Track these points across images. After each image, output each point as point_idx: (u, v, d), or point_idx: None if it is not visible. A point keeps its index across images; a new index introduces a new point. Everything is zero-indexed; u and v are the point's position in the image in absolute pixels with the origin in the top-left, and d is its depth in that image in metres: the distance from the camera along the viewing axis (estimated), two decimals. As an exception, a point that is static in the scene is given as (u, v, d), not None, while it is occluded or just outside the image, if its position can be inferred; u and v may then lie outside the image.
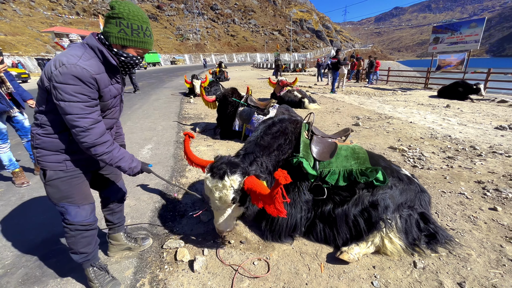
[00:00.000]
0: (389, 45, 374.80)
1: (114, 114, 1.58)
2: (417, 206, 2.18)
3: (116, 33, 1.31)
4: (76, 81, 1.21)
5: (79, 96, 1.23)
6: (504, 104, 8.66)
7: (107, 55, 1.33)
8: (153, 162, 3.86)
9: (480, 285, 1.72)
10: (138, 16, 1.33)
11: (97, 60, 1.32)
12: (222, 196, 1.75)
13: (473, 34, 11.74)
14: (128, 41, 1.34)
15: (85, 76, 1.22)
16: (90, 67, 1.25)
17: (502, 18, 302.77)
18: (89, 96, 1.27)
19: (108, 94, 1.40)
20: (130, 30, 1.31)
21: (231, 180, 1.73)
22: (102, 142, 1.36)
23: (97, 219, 1.61)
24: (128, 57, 1.39)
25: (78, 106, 1.24)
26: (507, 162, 3.64)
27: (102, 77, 1.32)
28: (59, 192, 1.42)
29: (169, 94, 11.57)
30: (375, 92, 12.18)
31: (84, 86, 1.23)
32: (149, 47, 1.44)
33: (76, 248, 1.51)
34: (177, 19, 77.92)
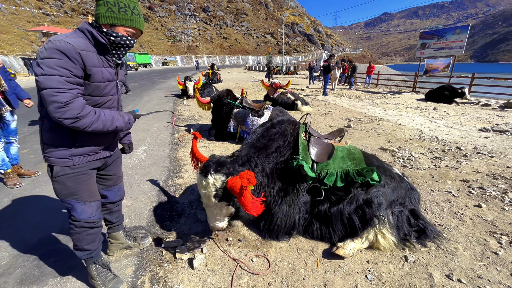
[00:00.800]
0: (378, 50, 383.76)
1: (113, 103, 1.56)
2: (407, 203, 2.28)
3: (104, 12, 1.32)
4: (60, 55, 1.19)
5: (61, 70, 1.20)
6: (487, 107, 9.05)
7: (96, 34, 1.33)
8: (148, 163, 3.86)
9: (466, 276, 1.82)
10: None
11: (86, 40, 1.32)
12: (206, 193, 1.83)
13: (458, 40, 12.23)
14: (116, 19, 1.34)
15: (69, 50, 1.21)
16: (75, 42, 1.24)
17: (485, 25, 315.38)
18: (71, 71, 1.23)
19: (99, 75, 1.36)
20: (117, 8, 1.32)
21: (214, 179, 1.81)
22: (86, 113, 1.29)
23: (102, 216, 1.63)
24: (118, 37, 1.38)
25: (58, 79, 1.20)
26: (490, 162, 3.83)
27: (88, 54, 1.30)
28: (65, 188, 1.43)
29: (161, 95, 11.49)
30: (365, 95, 12.47)
31: (68, 60, 1.21)
32: (137, 25, 1.42)
33: (81, 245, 1.53)
34: (168, 21, 77.41)
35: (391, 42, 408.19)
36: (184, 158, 4.07)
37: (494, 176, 3.34)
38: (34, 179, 3.30)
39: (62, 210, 2.62)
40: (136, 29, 1.43)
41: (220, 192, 1.83)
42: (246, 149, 2.28)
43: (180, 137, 5.18)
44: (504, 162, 3.81)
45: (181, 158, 4.06)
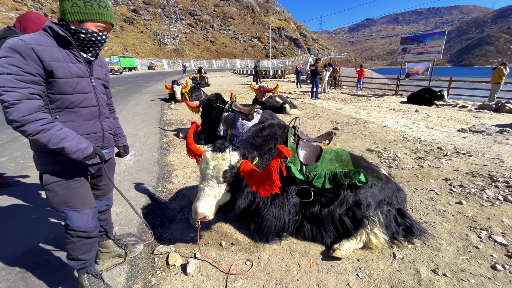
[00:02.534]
0: (362, 54, 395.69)
1: (91, 101, 1.46)
2: (394, 202, 2.37)
3: (69, 8, 1.26)
4: (11, 52, 1.15)
5: (10, 68, 1.14)
6: (464, 109, 9.53)
7: (55, 28, 1.27)
8: (137, 168, 3.78)
9: (451, 270, 1.92)
10: None
11: (45, 35, 1.27)
12: (217, 165, 1.80)
13: (436, 45, 12.85)
14: (83, 15, 1.28)
15: (20, 47, 1.16)
16: (29, 39, 1.19)
17: (460, 31, 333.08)
18: (22, 68, 1.16)
19: (63, 70, 1.29)
20: (82, 2, 1.26)
21: (230, 155, 1.83)
22: (34, 119, 1.18)
23: (98, 225, 1.59)
24: (88, 33, 1.32)
25: (6, 78, 1.13)
26: (469, 161, 4.04)
27: (46, 49, 1.23)
28: (57, 196, 1.39)
29: (148, 99, 11.30)
30: (351, 98, 12.82)
31: (19, 57, 1.15)
32: (107, 19, 1.36)
33: (75, 255, 1.49)
34: (154, 24, 76.42)
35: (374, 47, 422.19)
36: (173, 163, 4.02)
37: (473, 174, 3.52)
38: (16, 187, 3.15)
39: (46, 218, 2.53)
40: (106, 23, 1.37)
41: (230, 171, 1.82)
42: (244, 145, 2.29)
43: (169, 142, 5.11)
44: (481, 160, 4.03)
45: (171, 163, 4.01)
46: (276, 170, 1.60)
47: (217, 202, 1.90)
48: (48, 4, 55.91)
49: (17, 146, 4.69)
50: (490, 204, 2.79)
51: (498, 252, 2.10)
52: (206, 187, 1.85)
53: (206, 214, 1.81)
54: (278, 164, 1.59)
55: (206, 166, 1.85)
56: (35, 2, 53.57)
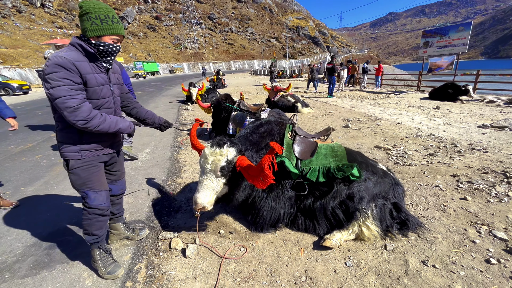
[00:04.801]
0: (385, 50, 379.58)
1: (110, 104, 1.77)
2: (390, 196, 2.39)
3: (89, 26, 1.52)
4: (59, 68, 1.41)
5: (64, 81, 1.43)
6: (492, 104, 8.94)
7: (84, 45, 1.54)
8: (150, 164, 4.09)
9: (441, 262, 1.93)
10: (103, 7, 1.55)
11: (77, 52, 1.54)
12: (215, 160, 1.96)
13: (461, 37, 12.12)
14: (101, 31, 1.54)
15: (65, 63, 1.42)
16: (69, 55, 1.46)
17: (495, 20, 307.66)
18: (73, 80, 1.46)
19: (93, 80, 1.58)
20: (99, 21, 1.52)
21: (227, 151, 1.99)
22: (94, 115, 1.53)
23: (110, 205, 1.85)
24: (106, 45, 1.59)
25: (64, 89, 1.43)
26: (483, 157, 3.87)
27: (82, 64, 1.51)
28: (80, 179, 1.68)
29: (167, 102, 11.86)
30: (368, 95, 12.49)
31: (66, 71, 1.43)
32: (119, 32, 1.63)
33: (90, 230, 1.76)
34: (175, 29, 79.25)
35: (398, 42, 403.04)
36: (184, 160, 4.28)
37: (485, 171, 3.39)
38: (46, 180, 3.57)
39: (69, 206, 2.87)
40: (119, 35, 1.65)
41: (227, 166, 1.98)
42: (242, 141, 2.44)
43: (182, 141, 5.41)
44: (498, 157, 3.84)
45: (182, 160, 4.28)
46: (268, 165, 1.74)
47: (216, 194, 2.05)
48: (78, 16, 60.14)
49: (49, 146, 5.23)
50: (498, 200, 2.70)
51: (496, 246, 2.07)
52: (205, 180, 2.01)
53: (204, 205, 1.96)
54: (270, 160, 1.73)
55: (205, 161, 2.02)
56: (68, 15, 57.91)
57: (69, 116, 1.45)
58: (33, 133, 6.27)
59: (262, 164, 1.73)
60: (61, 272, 1.92)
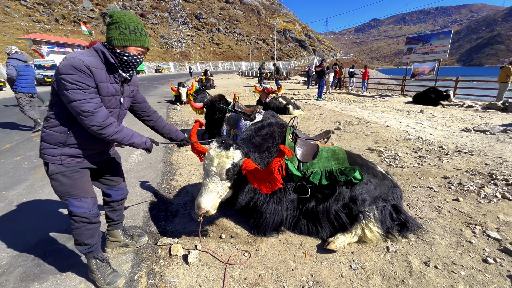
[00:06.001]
0: (368, 54, 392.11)
1: (113, 115, 1.69)
2: (390, 198, 2.43)
3: (117, 35, 1.49)
4: (75, 71, 1.36)
5: (80, 84, 1.38)
6: (471, 109, 9.43)
7: (107, 54, 1.50)
8: (143, 167, 3.94)
9: (442, 263, 1.97)
10: (134, 19, 1.53)
11: (98, 59, 1.49)
12: (221, 163, 1.89)
13: (442, 45, 12.73)
14: (128, 41, 1.51)
15: (81, 66, 1.37)
16: (87, 60, 1.41)
17: (469, 30, 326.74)
18: (88, 84, 1.41)
19: (105, 89, 1.53)
20: (128, 31, 1.50)
21: (234, 153, 1.93)
22: (110, 122, 1.49)
23: (99, 212, 1.72)
24: (130, 56, 1.55)
25: (80, 92, 1.38)
26: (470, 159, 4.05)
27: (98, 71, 1.46)
28: (61, 185, 1.55)
29: (155, 101, 11.56)
30: (355, 98, 12.81)
31: (82, 75, 1.38)
32: (146, 45, 1.62)
33: (81, 239, 1.62)
34: (161, 27, 77.64)
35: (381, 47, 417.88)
36: (178, 162, 4.16)
37: (473, 173, 3.54)
38: (29, 184, 3.34)
39: (59, 211, 2.69)
40: (144, 48, 1.62)
41: (233, 169, 1.92)
42: (245, 143, 2.39)
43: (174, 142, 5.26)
44: (483, 159, 4.03)
45: (175, 162, 4.16)
46: (278, 168, 1.70)
47: (220, 198, 1.99)
48: (59, 10, 57.52)
49: (31, 146, 4.92)
50: (487, 201, 2.83)
51: (491, 246, 2.15)
52: (210, 183, 1.93)
53: (208, 209, 1.89)
54: (280, 163, 1.69)
55: (210, 163, 1.95)
56: (46, 9, 55.20)
57: (85, 120, 1.41)
58: (11, 133, 5.89)
59: (271, 168, 1.69)
60: (54, 284, 1.78)
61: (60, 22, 54.36)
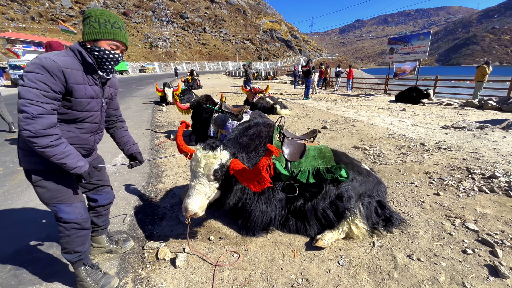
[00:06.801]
0: (353, 55, 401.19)
1: (95, 119, 1.59)
2: (375, 195, 2.49)
3: (87, 30, 1.41)
4: (42, 70, 1.25)
5: (39, 84, 1.24)
6: (449, 106, 9.85)
7: (84, 54, 1.41)
8: (128, 170, 3.83)
9: (425, 255, 2.05)
10: (106, 13, 1.43)
11: (74, 59, 1.39)
12: (208, 163, 1.88)
13: (422, 45, 13.24)
14: (97, 34, 1.40)
15: (51, 67, 1.26)
16: (60, 61, 1.30)
17: (447, 31, 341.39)
18: (50, 86, 1.27)
19: (82, 91, 1.41)
20: (97, 24, 1.40)
21: (221, 154, 1.92)
22: (48, 134, 1.28)
23: (89, 217, 1.65)
24: (101, 51, 1.42)
25: (35, 92, 1.23)
26: (449, 155, 4.23)
27: (73, 72, 1.35)
28: (48, 191, 1.46)
29: (139, 102, 11.28)
30: (341, 98, 13.06)
31: (48, 76, 1.26)
32: (119, 38, 1.47)
33: (71, 247, 1.55)
34: (145, 27, 75.91)
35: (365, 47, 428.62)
36: (164, 164, 4.08)
37: (452, 168, 3.70)
38: (5, 191, 3.16)
39: (37, 219, 2.57)
40: (118, 42, 1.48)
41: (221, 169, 1.90)
42: (233, 144, 2.38)
43: (160, 144, 5.17)
44: (461, 154, 4.22)
45: (161, 164, 4.08)
46: (266, 168, 1.70)
47: (208, 200, 1.97)
48: (35, 7, 54.97)
49: (6, 151, 4.67)
50: (466, 195, 2.96)
51: (469, 237, 2.25)
52: (197, 184, 1.90)
53: (196, 211, 1.86)
54: (268, 162, 1.70)
55: (197, 164, 1.92)
56: (21, 6, 52.59)
57: (20, 120, 1.24)
58: (-15, 137, 5.56)
59: (259, 167, 1.69)
60: (34, 294, 1.70)
61: (36, 20, 51.97)
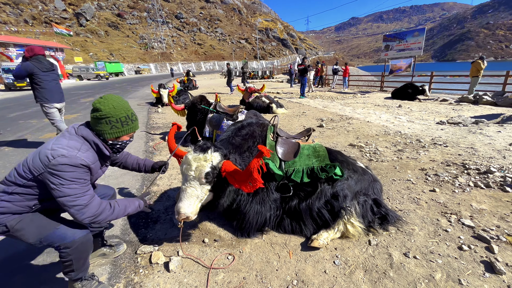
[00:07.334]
0: (349, 52, 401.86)
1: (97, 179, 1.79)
2: (370, 193, 2.47)
3: (109, 130, 1.50)
4: (74, 168, 1.35)
5: (77, 180, 1.36)
6: (445, 102, 9.88)
7: (102, 147, 1.53)
8: (121, 173, 3.78)
9: (421, 253, 2.03)
10: (123, 109, 1.52)
11: (93, 151, 1.50)
12: (199, 166, 1.84)
13: (417, 42, 13.26)
14: (121, 132, 1.54)
15: (82, 166, 1.38)
16: (87, 158, 1.42)
17: (442, 27, 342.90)
18: (84, 178, 1.41)
19: (95, 177, 1.59)
20: (120, 124, 1.51)
21: (212, 156, 1.88)
22: (102, 210, 1.45)
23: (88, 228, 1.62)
24: (123, 143, 1.63)
25: (76, 187, 1.35)
26: (445, 151, 4.23)
27: (95, 165, 1.50)
28: (32, 228, 1.41)
29: (135, 104, 11.20)
30: (337, 95, 13.06)
31: (81, 171, 1.38)
32: (137, 128, 1.66)
33: (76, 267, 1.52)
34: (140, 28, 75.41)
35: (361, 45, 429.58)
36: (159, 166, 4.03)
37: (448, 164, 3.70)
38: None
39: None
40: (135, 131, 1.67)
41: (212, 172, 1.87)
42: (225, 145, 2.35)
43: (155, 145, 5.12)
44: (456, 150, 4.22)
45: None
46: (257, 169, 1.68)
47: (200, 202, 1.94)
48: (28, 10, 54.38)
49: (-2, 156, 4.59)
50: (461, 191, 2.95)
51: (465, 233, 2.24)
52: (188, 188, 1.88)
53: (188, 215, 1.84)
54: (259, 163, 1.67)
55: (187, 167, 1.89)
56: (14, 9, 52.01)
57: (76, 214, 1.37)
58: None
59: (250, 168, 1.67)
60: (22, 303, 1.66)
61: (30, 23, 51.45)
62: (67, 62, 38.52)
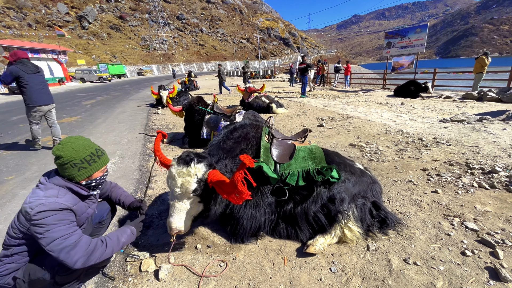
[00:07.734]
0: (351, 50, 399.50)
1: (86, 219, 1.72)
2: (369, 195, 2.38)
3: (77, 172, 1.49)
4: (55, 212, 1.34)
5: (61, 222, 1.35)
6: (449, 99, 9.71)
7: (77, 189, 1.52)
8: (117, 176, 3.74)
9: (421, 258, 1.94)
10: (85, 148, 1.51)
11: (72, 194, 1.49)
12: (184, 183, 1.77)
13: (419, 38, 13.06)
14: (91, 171, 1.53)
15: (63, 209, 1.37)
16: (67, 201, 1.41)
17: (445, 23, 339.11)
18: (70, 219, 1.40)
19: (84, 218, 1.58)
20: (86, 163, 1.50)
21: (196, 168, 1.80)
22: (93, 247, 1.42)
23: None
24: (98, 180, 1.61)
25: (62, 228, 1.33)
26: (448, 150, 4.11)
27: (79, 206, 1.50)
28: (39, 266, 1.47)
29: (135, 106, 11.20)
30: (339, 94, 12.92)
31: (63, 213, 1.37)
32: (106, 161, 1.65)
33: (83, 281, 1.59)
34: (142, 29, 75.79)
35: (363, 43, 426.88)
36: (155, 169, 3.97)
37: (451, 163, 3.58)
38: (-11, 203, 3.08)
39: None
40: (106, 164, 1.65)
41: (200, 185, 1.81)
42: (215, 150, 2.28)
43: (152, 148, 5.06)
44: (460, 149, 4.10)
45: (152, 169, 3.97)
46: (241, 181, 1.59)
47: (191, 214, 1.91)
48: (31, 14, 54.95)
49: (-4, 160, 4.58)
50: (465, 192, 2.84)
51: (469, 237, 2.14)
52: (176, 203, 1.85)
53: (180, 229, 1.84)
54: (242, 175, 1.58)
55: (173, 183, 1.83)
56: (18, 13, 52.60)
57: (67, 259, 1.32)
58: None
59: (234, 181, 1.59)
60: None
61: (33, 27, 52.01)
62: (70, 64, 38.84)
